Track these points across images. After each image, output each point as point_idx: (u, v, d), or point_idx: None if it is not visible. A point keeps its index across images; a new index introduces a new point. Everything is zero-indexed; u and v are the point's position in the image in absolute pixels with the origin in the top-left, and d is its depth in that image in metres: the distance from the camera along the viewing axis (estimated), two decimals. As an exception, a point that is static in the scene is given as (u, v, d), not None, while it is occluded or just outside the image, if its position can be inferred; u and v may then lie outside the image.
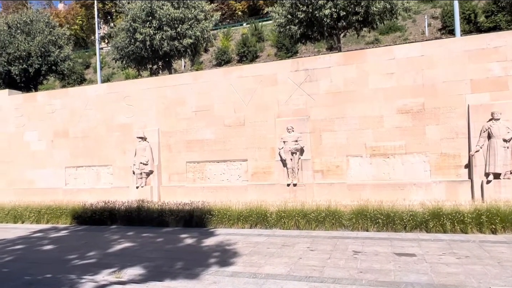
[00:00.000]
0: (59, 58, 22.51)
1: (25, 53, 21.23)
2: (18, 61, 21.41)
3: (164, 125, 14.20)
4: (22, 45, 21.16)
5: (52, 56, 22.11)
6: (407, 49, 11.64)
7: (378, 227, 9.08)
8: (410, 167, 11.32)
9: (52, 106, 16.12)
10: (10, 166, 16.64)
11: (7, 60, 21.46)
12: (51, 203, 13.21)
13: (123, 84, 15.79)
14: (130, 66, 22.96)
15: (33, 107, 16.46)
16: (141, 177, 13.89)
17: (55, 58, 22.27)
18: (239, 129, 13.17)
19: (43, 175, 16.01)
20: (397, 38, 32.66)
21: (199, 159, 13.66)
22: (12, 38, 21.47)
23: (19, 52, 21.10)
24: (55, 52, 22.22)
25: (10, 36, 21.51)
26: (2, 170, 16.78)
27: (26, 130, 16.53)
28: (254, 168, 12.90)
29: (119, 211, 11.67)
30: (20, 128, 16.63)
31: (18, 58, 21.33)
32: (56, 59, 22.36)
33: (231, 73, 13.60)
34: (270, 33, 36.27)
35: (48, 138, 16.10)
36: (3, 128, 16.93)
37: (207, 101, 13.64)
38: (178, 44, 20.18)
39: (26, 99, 16.88)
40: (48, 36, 22.11)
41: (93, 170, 15.33)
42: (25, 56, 21.33)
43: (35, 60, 21.45)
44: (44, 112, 16.20)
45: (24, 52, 21.16)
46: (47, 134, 16.11)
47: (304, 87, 12.43)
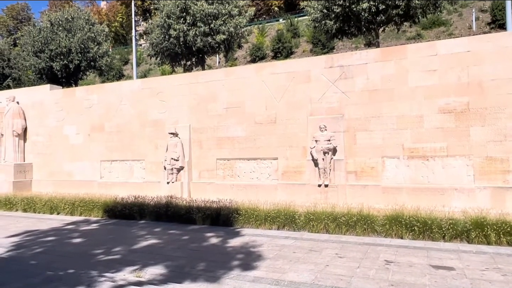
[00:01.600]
0: (97, 54, 23.24)
1: (66, 50, 22.07)
2: (59, 57, 22.31)
3: (196, 121, 14.19)
4: (63, 41, 22.01)
5: (91, 52, 22.85)
6: (451, 44, 10.84)
7: (414, 235, 8.50)
8: (451, 170, 10.56)
9: (89, 101, 16.57)
10: (50, 158, 17.32)
11: (49, 56, 22.42)
12: (85, 195, 13.56)
13: (156, 80, 15.94)
14: (165, 62, 23.29)
15: (72, 102, 17.01)
16: (172, 172, 13.96)
17: (94, 54, 23.00)
18: (270, 126, 12.90)
19: (80, 168, 16.53)
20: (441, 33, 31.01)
21: (229, 156, 13.53)
22: (54, 35, 22.39)
23: (60, 48, 21.98)
24: (94, 49, 22.94)
25: (52, 33, 22.44)
26: (43, 162, 17.52)
27: (65, 124, 17.12)
28: (284, 167, 12.59)
29: (148, 207, 11.75)
30: (60, 122, 17.24)
31: (59, 54, 22.22)
32: (94, 55, 23.09)
33: (263, 70, 13.33)
34: (306, 29, 35.68)
35: (85, 132, 16.58)
36: (45, 122, 17.65)
37: (238, 97, 13.46)
38: (212, 40, 20.18)
39: (66, 94, 17.47)
40: (88, 33, 22.86)
41: (127, 164, 15.61)
42: (66, 52, 22.19)
43: (75, 56, 22.25)
44: (82, 106, 16.69)
45: (65, 48, 22.01)
46: (84, 128, 16.60)
47: (338, 84, 11.94)
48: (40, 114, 17.77)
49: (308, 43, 35.82)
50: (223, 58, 36.74)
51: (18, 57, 27.60)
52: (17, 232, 10.34)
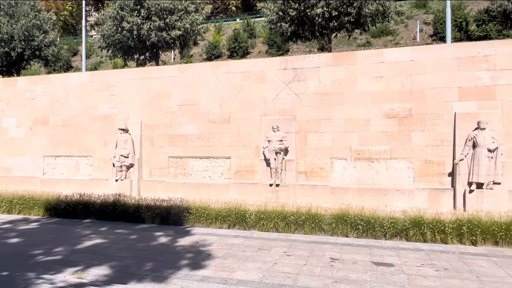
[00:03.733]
0: (43, 43, 21.82)
1: (8, 36, 20.49)
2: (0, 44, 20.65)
3: (148, 117, 13.78)
4: (5, 27, 20.44)
5: (36, 40, 21.40)
6: (397, 53, 11.42)
7: (358, 233, 8.86)
8: (394, 172, 11.14)
9: (33, 92, 15.53)
10: (-14, 152, 16.00)
11: (-13, 42, 20.74)
12: (24, 192, 12.70)
13: (107, 74, 15.28)
14: (117, 55, 22.41)
15: (12, 92, 15.83)
16: (121, 170, 13.46)
17: (39, 43, 21.57)
18: (224, 125, 12.84)
19: (21, 163, 15.43)
20: (389, 42, 32.61)
21: (182, 155, 13.29)
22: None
23: (1, 34, 20.37)
24: (40, 37, 21.52)
25: (-8, 18, 20.76)
26: (-23, 156, 16.14)
27: (5, 115, 15.91)
28: (237, 166, 12.59)
29: (94, 205, 11.22)
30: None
31: (0, 41, 20.56)
32: (40, 44, 21.66)
33: (218, 68, 13.23)
34: (262, 30, 35.95)
35: (27, 125, 15.51)
36: (-20, 113, 16.27)
37: (192, 95, 13.26)
38: (166, 35, 19.72)
39: (6, 84, 16.23)
40: (33, 20, 21.40)
41: (72, 160, 14.83)
42: (8, 39, 20.61)
43: (18, 44, 20.74)
44: (24, 98, 15.60)
45: (7, 35, 20.44)
46: (26, 121, 15.53)
47: (292, 86, 12.15)
48: (-24, 104, 16.36)
49: (264, 44, 36.11)
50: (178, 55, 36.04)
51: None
52: None
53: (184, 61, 34.77)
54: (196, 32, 21.35)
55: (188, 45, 23.28)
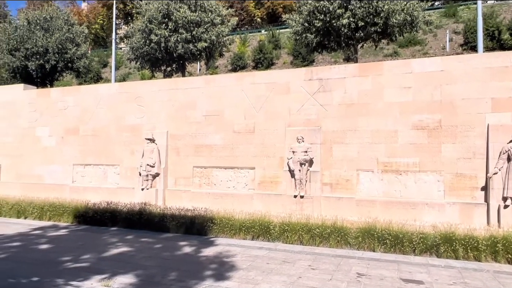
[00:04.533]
0: (75, 56, 22.68)
1: (43, 49, 21.44)
2: (35, 57, 21.65)
3: (174, 128, 14.01)
4: (40, 41, 21.39)
5: (69, 53, 22.28)
6: (426, 63, 11.19)
7: (386, 248, 8.62)
8: (423, 185, 10.81)
9: (65, 103, 16.11)
10: (20, 160, 16.66)
11: (24, 55, 21.74)
12: (55, 200, 13.11)
13: (135, 85, 15.70)
14: (145, 67, 23.00)
15: (46, 103, 16.49)
16: (147, 179, 13.69)
17: (72, 55, 22.44)
18: (248, 136, 12.88)
19: (52, 171, 15.96)
20: (417, 52, 32.03)
21: (206, 164, 13.41)
22: (31, 33, 21.75)
23: (37, 47, 21.34)
24: (72, 50, 22.40)
25: (29, 32, 21.80)
26: (12, 164, 16.83)
27: (38, 125, 16.55)
28: (261, 177, 12.57)
29: (120, 213, 11.46)
30: (33, 123, 16.66)
31: (35, 53, 21.57)
32: (72, 57, 22.53)
33: (243, 79, 13.35)
34: (287, 41, 36.11)
35: (59, 135, 16.08)
36: (16, 122, 17.00)
37: (217, 106, 13.41)
38: (193, 47, 20.10)
39: (40, 95, 16.94)
40: (66, 33, 22.32)
41: (101, 169, 15.22)
42: (42, 52, 21.55)
43: (52, 57, 21.64)
44: (57, 108, 16.20)
45: (42, 48, 21.37)
46: (58, 131, 16.10)
47: (317, 97, 12.09)
48: (11, 114, 17.13)
49: (288, 55, 36.23)
50: (204, 66, 36.62)
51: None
52: (-20, 236, 9.86)
53: (209, 72, 35.32)
54: (222, 43, 21.67)
55: (213, 57, 23.65)
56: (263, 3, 51.76)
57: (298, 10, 19.51)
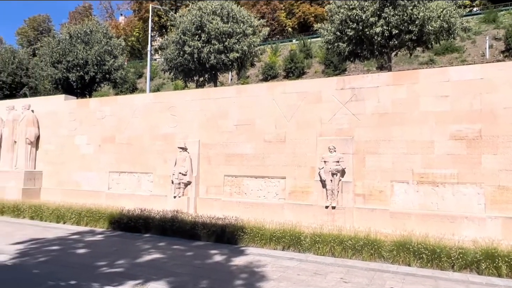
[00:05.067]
0: (113, 67, 23.70)
1: (83, 61, 22.56)
2: (75, 69, 22.79)
3: (205, 137, 14.24)
4: (81, 53, 22.52)
5: (106, 65, 23.31)
6: (464, 71, 10.81)
7: (422, 263, 8.29)
8: (462, 198, 10.36)
9: (102, 113, 16.75)
10: (61, 167, 17.44)
11: (66, 67, 22.93)
12: (92, 206, 13.58)
13: (168, 95, 16.11)
14: (178, 77, 23.63)
15: (85, 113, 17.22)
16: (179, 187, 13.95)
17: (109, 67, 23.47)
18: (279, 145, 12.88)
19: (89, 178, 16.59)
20: (454, 60, 31.02)
21: (237, 173, 13.50)
22: (72, 47, 22.94)
23: (77, 60, 22.47)
24: (110, 61, 23.42)
25: (71, 45, 23.00)
26: (53, 170, 17.65)
27: (77, 134, 17.28)
28: (292, 187, 12.50)
29: (153, 220, 11.71)
30: (72, 132, 17.41)
31: (76, 65, 22.71)
32: (110, 68, 23.55)
33: (274, 89, 13.41)
34: (319, 50, 36.00)
35: (96, 143, 16.71)
36: (57, 131, 17.82)
37: (249, 115, 13.52)
38: (225, 57, 20.47)
39: (80, 105, 17.72)
40: (105, 46, 23.40)
41: (135, 176, 15.65)
42: (83, 64, 22.67)
43: (91, 68, 22.71)
44: (95, 117, 16.87)
45: (82, 60, 22.49)
46: (95, 139, 16.74)
47: (349, 106, 11.94)
48: (54, 123, 18.00)
49: (320, 64, 36.10)
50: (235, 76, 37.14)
51: (36, 67, 28.28)
52: (23, 239, 10.36)
53: (241, 82, 35.74)
54: (253, 54, 21.97)
55: (245, 67, 23.98)
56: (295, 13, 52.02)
57: (330, 19, 19.46)
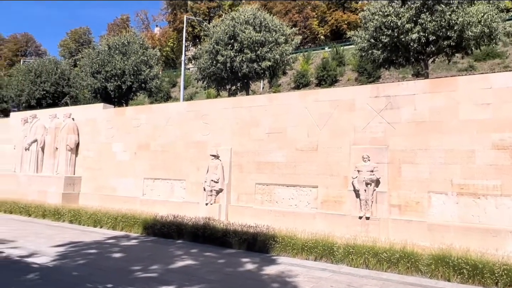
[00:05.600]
0: (148, 77, 24.49)
1: (120, 71, 23.46)
2: (113, 78, 23.74)
3: (237, 145, 14.36)
4: (119, 64, 23.46)
5: (142, 74, 24.13)
6: (507, 77, 10.33)
7: (463, 279, 7.91)
8: (506, 211, 9.83)
9: (138, 121, 17.30)
10: (98, 173, 18.13)
11: (104, 77, 23.94)
12: (127, 211, 13.97)
13: (201, 103, 16.43)
14: (211, 86, 24.05)
15: (121, 121, 17.86)
16: (211, 194, 14.12)
17: (145, 76, 24.27)
18: (311, 154, 12.79)
19: (125, 184, 17.12)
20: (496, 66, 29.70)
21: (268, 182, 13.50)
22: (110, 57, 23.95)
23: (115, 70, 23.41)
24: (146, 71, 24.21)
25: (109, 56, 24.02)
26: (91, 176, 18.37)
27: (114, 141, 17.94)
28: (324, 196, 12.34)
29: (186, 227, 11.89)
30: (110, 139, 18.10)
31: (114, 75, 23.66)
32: (146, 78, 24.35)
33: (307, 97, 13.37)
34: (352, 58, 35.58)
35: (132, 150, 17.25)
36: (96, 138, 18.60)
37: (280, 123, 13.53)
38: (257, 66, 20.65)
39: (117, 113, 18.42)
40: (141, 56, 24.25)
41: (168, 183, 15.99)
42: (120, 74, 23.59)
43: (128, 78, 23.59)
44: (131, 125, 17.45)
45: (120, 70, 23.40)
46: (131, 146, 17.29)
47: (384, 114, 11.69)
48: (92, 131, 18.79)
49: (353, 72, 35.64)
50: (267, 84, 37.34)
51: (77, 77, 29.70)
52: (62, 242, 10.80)
53: (272, 90, 35.88)
54: (285, 62, 22.04)
55: (277, 75, 24.08)
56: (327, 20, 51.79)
57: (364, 26, 19.21)
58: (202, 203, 14.24)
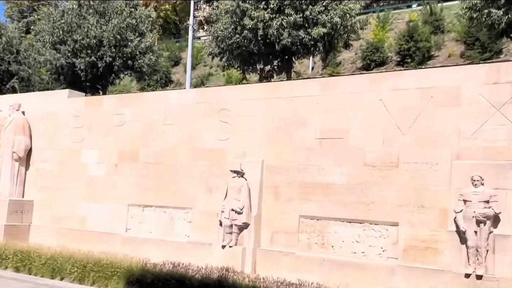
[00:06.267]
0: (138, 50, 24.96)
1: (96, 41, 24.05)
2: (85, 52, 24.34)
3: (272, 155, 14.40)
4: (93, 30, 24.08)
5: (129, 46, 24.65)
6: None
7: None
8: None
9: (121, 116, 17.57)
10: (59, 195, 18.46)
11: (72, 50, 24.58)
12: (102, 255, 14.23)
13: (218, 91, 16.62)
14: (233, 65, 24.25)
15: (96, 116, 18.18)
16: (231, 231, 14.20)
17: (133, 49, 24.76)
18: (388, 172, 12.69)
19: (99, 213, 17.37)
20: None
21: (320, 214, 13.47)
22: (81, 20, 24.66)
23: (88, 39, 24.03)
24: (134, 41, 24.73)
25: (79, 18, 24.75)
26: (49, 200, 18.68)
27: (85, 147, 18.27)
28: (409, 239, 12.20)
29: (191, 281, 12.00)
30: (77, 144, 18.43)
31: (86, 47, 24.27)
32: (134, 51, 24.84)
33: (381, 82, 13.31)
34: (455, 20, 35.06)
35: (111, 161, 17.55)
36: (56, 142, 18.92)
37: (339, 123, 13.50)
38: (305, 35, 20.67)
39: (89, 104, 18.80)
40: (127, 18, 24.82)
41: (165, 213, 16.22)
42: (95, 45, 24.17)
43: (107, 51, 24.16)
44: (111, 123, 17.76)
45: (95, 39, 24.00)
46: (110, 155, 17.59)
47: (507, 110, 11.50)
48: (51, 130, 19.13)
49: (457, 43, 35.09)
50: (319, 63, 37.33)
51: (30, 49, 30.54)
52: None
53: (327, 72, 35.82)
54: (349, 28, 21.96)
55: (335, 49, 24.08)
56: (416, -37, 51.37)
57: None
58: (217, 244, 14.35)
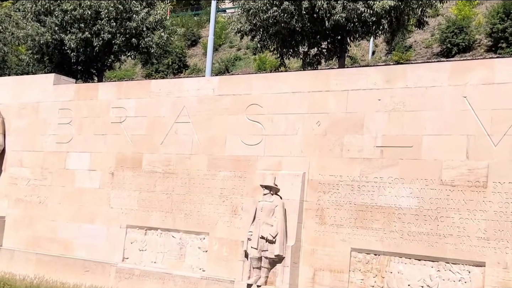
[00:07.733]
0: (145, 24, 25.11)
1: (91, 12, 24.27)
2: (77, 25, 24.58)
3: (316, 167, 14.37)
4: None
5: (134, 20, 24.81)
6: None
7: None
8: None
9: (121, 110, 17.81)
10: (38, 211, 18.76)
11: (60, 23, 24.83)
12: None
13: (247, 81, 16.58)
14: (268, 46, 24.28)
15: (89, 109, 18.44)
16: (259, 265, 14.20)
17: (139, 24, 24.91)
18: (472, 194, 12.54)
19: (89, 236, 17.56)
20: None
21: (379, 248, 13.40)
22: (72, -15, 25.00)
23: (81, 9, 24.26)
24: (141, 14, 24.90)
25: (70, -17, 25.09)
26: (25, 216, 18.99)
27: (72, 149, 18.53)
28: (499, 285, 12.04)
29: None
30: (64, 145, 18.73)
31: (77, 19, 24.50)
32: (140, 26, 25.00)
33: (465, 74, 13.16)
34: None
35: (106, 168, 17.75)
36: (38, 142, 19.28)
37: (407, 127, 13.41)
38: (365, 8, 20.62)
39: (80, 94, 18.99)
40: (132, -17, 25.06)
41: (175, 238, 16.29)
42: (90, 18, 24.39)
43: (105, 26, 24.35)
44: (107, 119, 18.00)
45: (90, 10, 24.23)
46: (105, 161, 17.80)
47: None
48: (31, 127, 19.48)
49: None
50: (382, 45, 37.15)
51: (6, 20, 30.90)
52: None
53: (394, 59, 35.64)
54: (424, 1, 21.80)
55: (405, 28, 23.86)
56: None
57: None
58: (241, 283, 14.36)
